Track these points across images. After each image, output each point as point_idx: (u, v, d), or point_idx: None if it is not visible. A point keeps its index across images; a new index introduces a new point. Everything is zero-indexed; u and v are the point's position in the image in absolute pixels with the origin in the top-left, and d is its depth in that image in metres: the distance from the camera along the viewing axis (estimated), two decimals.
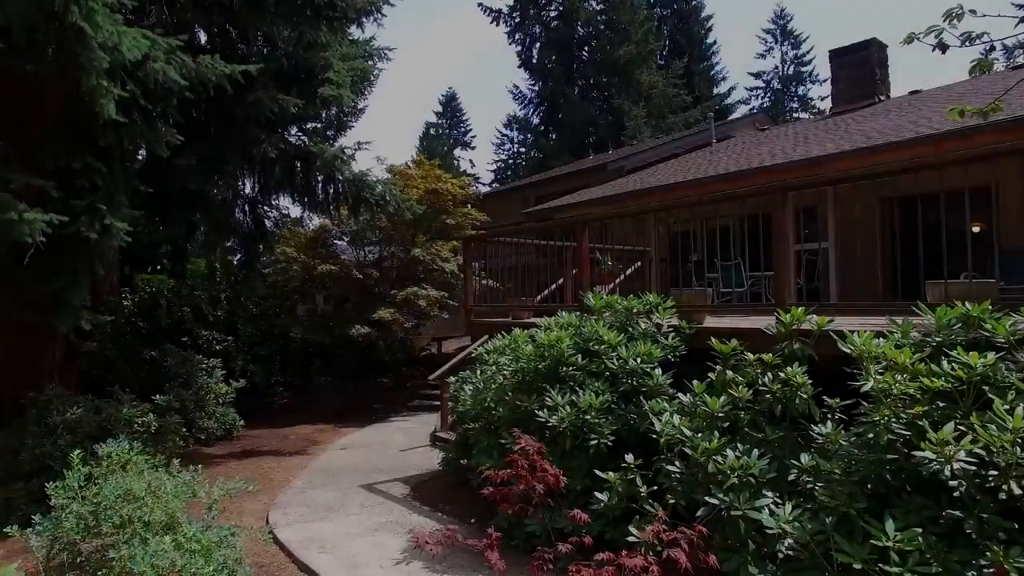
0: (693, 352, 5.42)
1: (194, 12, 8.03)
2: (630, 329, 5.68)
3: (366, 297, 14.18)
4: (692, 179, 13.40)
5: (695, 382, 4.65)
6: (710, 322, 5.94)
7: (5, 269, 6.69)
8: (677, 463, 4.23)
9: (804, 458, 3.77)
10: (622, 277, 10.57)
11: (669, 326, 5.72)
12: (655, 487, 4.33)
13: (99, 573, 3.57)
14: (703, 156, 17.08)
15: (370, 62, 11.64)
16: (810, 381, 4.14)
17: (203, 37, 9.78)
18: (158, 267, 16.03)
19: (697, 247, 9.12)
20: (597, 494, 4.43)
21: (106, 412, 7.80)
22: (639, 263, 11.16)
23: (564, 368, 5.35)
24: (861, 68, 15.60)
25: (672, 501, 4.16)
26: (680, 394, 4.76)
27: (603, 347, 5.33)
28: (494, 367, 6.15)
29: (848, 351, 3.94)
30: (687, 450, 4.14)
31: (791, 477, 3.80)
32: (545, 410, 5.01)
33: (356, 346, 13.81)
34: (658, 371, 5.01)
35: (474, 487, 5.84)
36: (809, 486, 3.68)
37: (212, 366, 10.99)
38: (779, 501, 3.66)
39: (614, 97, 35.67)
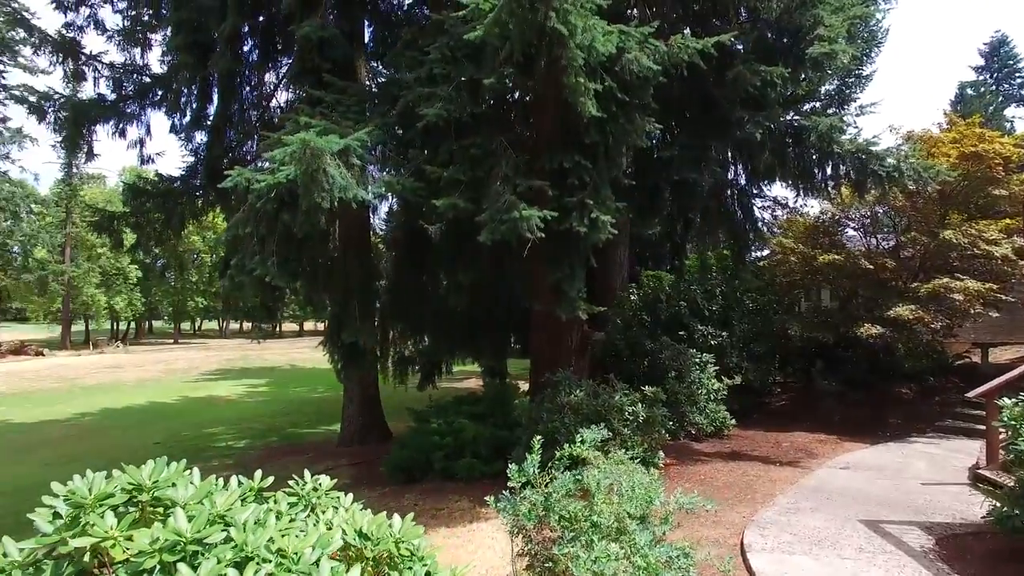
0: None
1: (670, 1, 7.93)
2: None
3: (879, 291, 11.97)
4: None
5: None
6: None
7: (520, 265, 7.76)
8: None
9: None
10: None
11: None
12: None
13: (547, 565, 3.50)
14: None
15: (871, 6, 9.61)
16: None
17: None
18: (667, 267, 17.01)
19: None
20: None
21: (601, 397, 8.37)
22: None
23: None
24: None
25: None
26: None
27: None
28: None
29: None
30: None
31: None
32: None
33: (866, 348, 11.81)
34: None
35: None
36: None
37: (705, 361, 10.85)
38: None
39: None
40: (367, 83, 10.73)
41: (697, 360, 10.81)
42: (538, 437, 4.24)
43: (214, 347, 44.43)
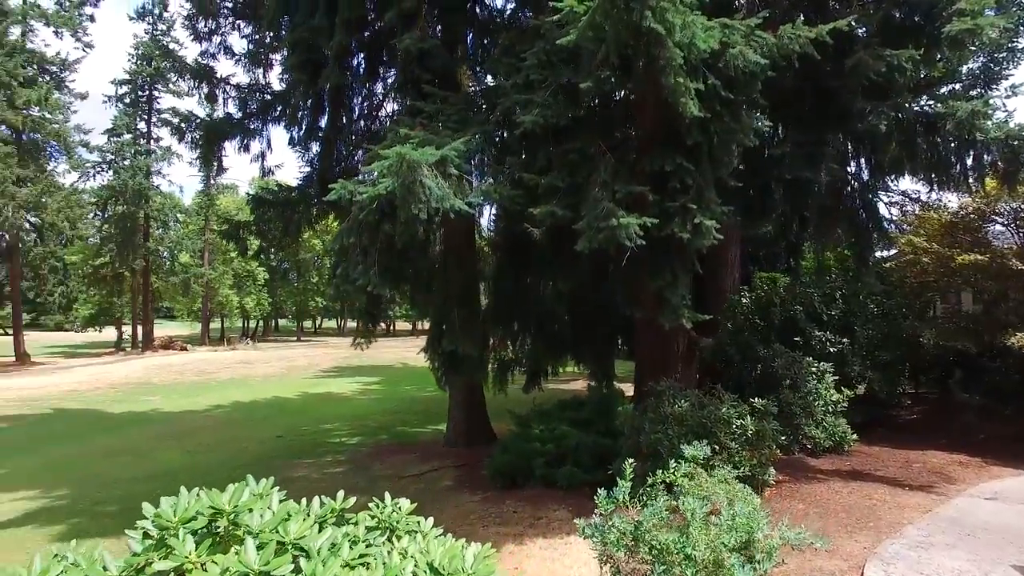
0: None
1: None
2: None
3: None
4: None
5: None
6: None
7: (621, 271, 7.53)
8: None
9: None
10: None
11: None
12: None
13: None
14: None
15: None
16: None
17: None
18: (783, 267, 16.06)
19: None
20: None
21: (707, 409, 7.98)
22: None
23: None
24: None
25: None
26: None
27: None
28: None
29: None
30: None
31: None
32: None
33: (1017, 358, 10.52)
34: None
35: None
36: None
37: (822, 370, 10.12)
38: None
39: None
40: (471, 90, 10.86)
41: (814, 369, 10.09)
42: (629, 461, 4.05)
43: (332, 345, 47.00)
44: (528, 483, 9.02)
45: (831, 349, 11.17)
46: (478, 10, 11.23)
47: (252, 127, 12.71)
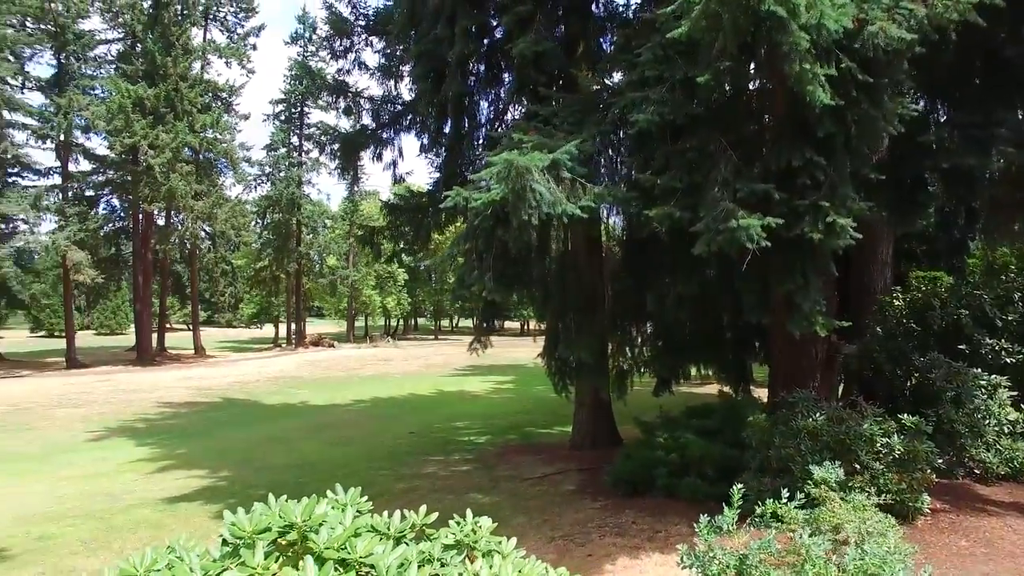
0: None
1: None
2: None
3: None
4: None
5: None
6: None
7: (747, 273, 7.05)
8: None
9: None
10: None
11: None
12: None
13: None
14: None
15: None
16: None
17: None
18: (949, 265, 14.31)
19: None
20: None
21: (846, 424, 7.26)
22: None
23: None
24: None
25: None
26: None
27: None
28: None
29: None
30: None
31: None
32: None
33: None
34: None
35: None
36: None
37: (994, 383, 8.92)
38: None
39: None
40: (593, 89, 10.68)
41: (983, 382, 8.91)
42: (738, 486, 3.73)
43: (467, 343, 48.62)
44: (650, 492, 8.73)
45: (1006, 360, 9.78)
46: (594, 8, 11.02)
47: (384, 137, 13.37)
